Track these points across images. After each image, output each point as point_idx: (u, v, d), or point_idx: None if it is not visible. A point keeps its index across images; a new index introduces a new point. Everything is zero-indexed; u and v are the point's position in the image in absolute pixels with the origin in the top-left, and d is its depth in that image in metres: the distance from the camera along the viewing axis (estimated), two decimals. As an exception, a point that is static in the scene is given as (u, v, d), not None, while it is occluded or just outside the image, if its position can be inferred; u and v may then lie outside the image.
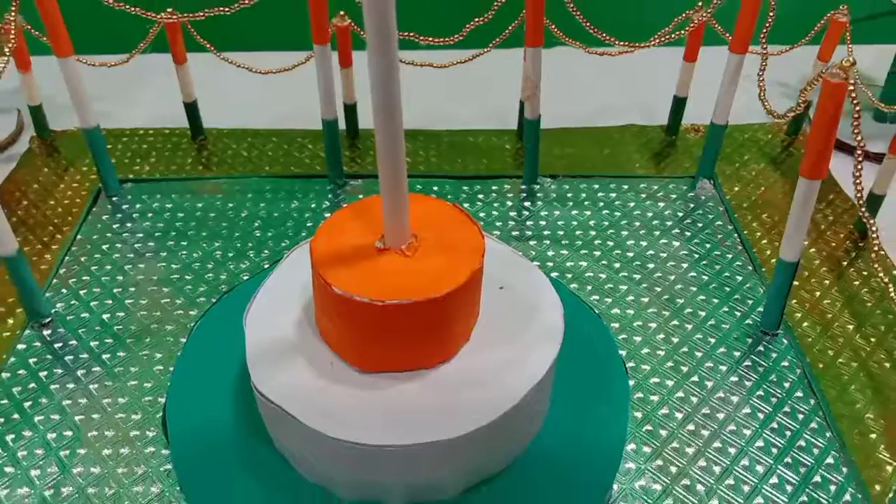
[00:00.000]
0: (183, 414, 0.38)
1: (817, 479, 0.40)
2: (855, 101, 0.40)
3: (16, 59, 0.64)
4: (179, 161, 0.65)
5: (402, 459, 0.31)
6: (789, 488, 0.40)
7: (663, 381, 0.45)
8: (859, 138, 0.42)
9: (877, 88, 0.74)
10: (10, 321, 0.50)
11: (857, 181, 0.44)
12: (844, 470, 0.41)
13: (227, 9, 0.54)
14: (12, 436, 0.42)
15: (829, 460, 0.41)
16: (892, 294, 0.49)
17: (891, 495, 0.40)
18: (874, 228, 0.46)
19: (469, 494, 0.34)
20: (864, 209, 0.46)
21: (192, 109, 0.66)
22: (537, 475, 0.35)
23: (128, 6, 0.54)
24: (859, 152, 0.42)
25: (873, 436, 0.44)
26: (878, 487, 0.40)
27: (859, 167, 0.43)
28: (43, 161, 0.67)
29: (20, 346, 0.47)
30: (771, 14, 0.55)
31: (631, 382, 0.44)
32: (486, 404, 0.32)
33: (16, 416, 0.43)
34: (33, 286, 0.47)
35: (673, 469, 0.40)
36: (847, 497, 0.39)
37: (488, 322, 0.36)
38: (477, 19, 0.58)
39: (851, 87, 0.39)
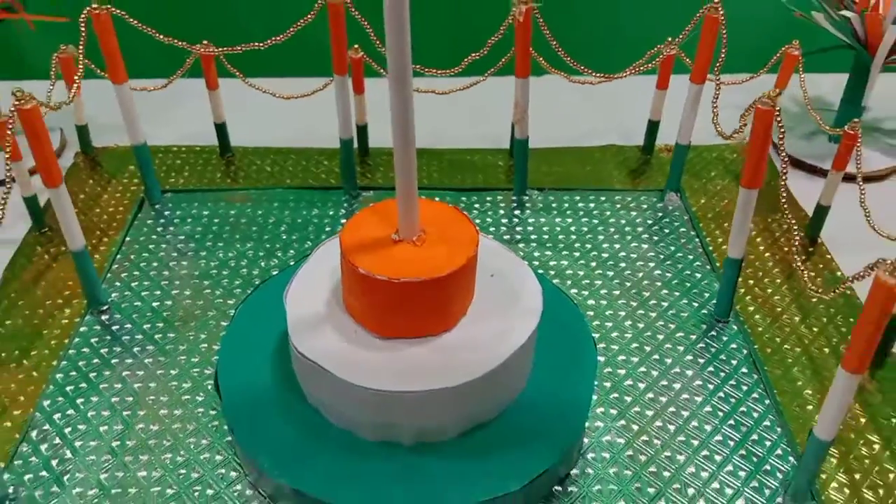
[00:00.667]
0: (231, 376, 0.46)
1: (755, 437, 0.49)
2: (780, 124, 0.49)
3: (66, 83, 0.74)
4: (210, 175, 0.74)
5: (412, 404, 0.40)
6: (731, 443, 0.48)
7: (629, 358, 0.54)
8: (784, 157, 0.51)
9: (832, 113, 0.83)
10: (68, 311, 0.58)
11: (783, 192, 0.52)
12: (779, 430, 0.49)
13: (260, 44, 0.63)
14: (82, 399, 0.51)
15: (766, 423, 0.50)
16: (835, 292, 0.58)
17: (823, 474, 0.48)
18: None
19: (466, 437, 0.43)
20: (788, 214, 0.55)
21: (221, 129, 0.75)
22: (521, 423, 0.43)
23: (174, 39, 0.63)
24: (784, 167, 0.51)
25: (810, 407, 0.53)
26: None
27: (784, 180, 0.52)
28: (87, 174, 0.75)
29: (82, 329, 0.56)
30: (723, 52, 0.64)
31: (602, 359, 0.53)
32: (479, 362, 0.41)
33: (83, 385, 0.52)
34: (95, 278, 0.56)
35: (635, 427, 0.49)
36: (779, 451, 0.48)
37: (481, 301, 0.45)
38: (474, 54, 0.67)
39: (777, 113, 0.48)
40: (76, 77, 0.60)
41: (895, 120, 0.88)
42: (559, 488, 0.44)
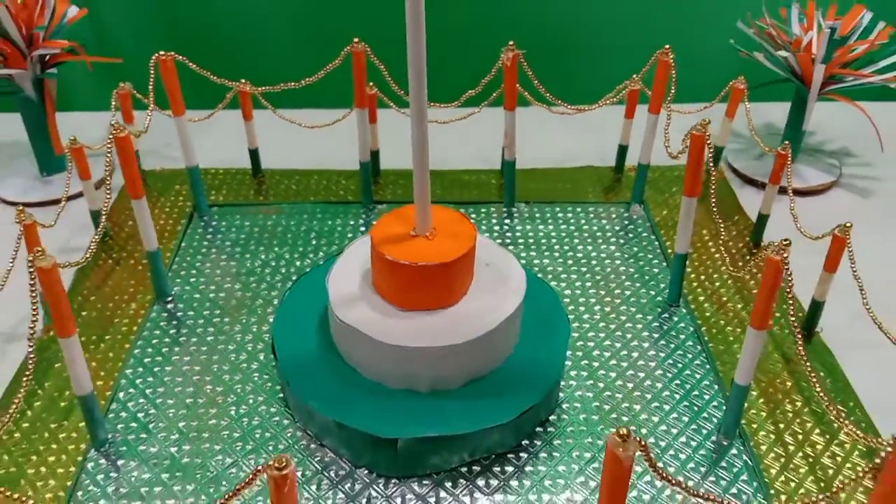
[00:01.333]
0: (285, 343, 0.59)
1: (696, 393, 0.62)
2: (709, 144, 0.63)
3: (124, 115, 0.87)
4: (244, 192, 0.88)
5: (427, 357, 0.53)
6: (677, 397, 0.61)
7: (597, 334, 0.67)
8: (713, 173, 0.65)
9: (780, 136, 0.97)
10: (134, 305, 0.71)
11: (713, 203, 0.66)
12: (716, 387, 0.63)
13: (295, 83, 0.77)
14: (158, 368, 0.64)
15: (706, 383, 0.63)
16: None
17: (751, 409, 0.61)
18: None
19: (468, 386, 0.56)
20: (717, 216, 0.68)
21: (254, 154, 0.89)
22: (510, 376, 0.57)
23: (221, 78, 0.78)
24: (713, 182, 0.65)
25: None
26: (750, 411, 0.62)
27: (713, 193, 0.66)
28: (145, 182, 0.89)
29: (152, 315, 0.69)
30: (673, 88, 0.79)
31: (575, 335, 0.67)
32: (476, 327, 0.54)
33: (158, 357, 0.65)
34: (164, 273, 0.69)
35: (601, 385, 0.62)
36: (714, 403, 0.61)
37: (478, 283, 0.58)
38: (470, 91, 0.81)
39: (707, 138, 0.62)
40: (148, 111, 0.74)
41: (834, 142, 1.03)
42: (540, 429, 0.58)
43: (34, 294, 0.51)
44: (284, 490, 0.35)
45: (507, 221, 0.82)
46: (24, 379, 0.51)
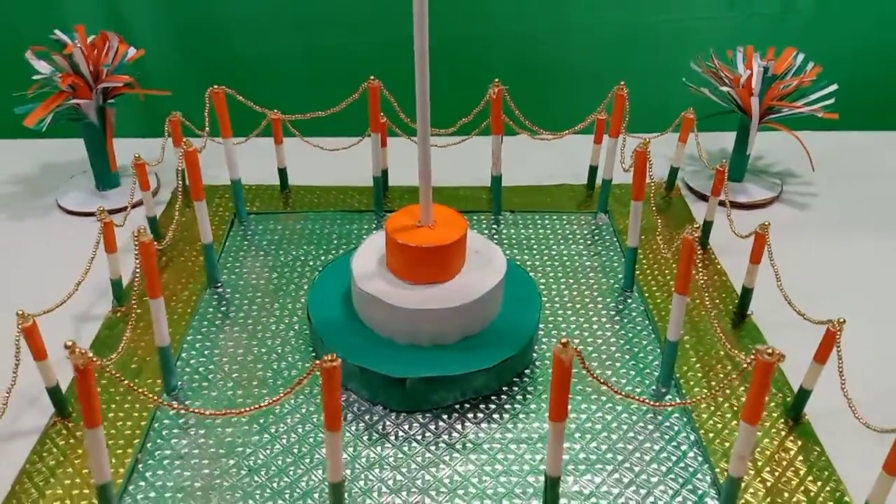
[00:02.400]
0: (318, 310, 0.77)
1: (641, 354, 0.79)
2: (650, 160, 0.81)
3: (174, 138, 1.06)
4: (274, 204, 1.06)
5: (428, 318, 0.71)
6: (626, 353, 0.79)
7: (565, 312, 0.85)
8: (652, 190, 0.83)
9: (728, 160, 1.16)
10: (186, 292, 0.89)
11: (654, 212, 0.84)
12: (658, 350, 0.80)
13: (322, 112, 0.96)
14: (212, 335, 0.81)
15: (650, 347, 0.80)
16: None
17: (686, 368, 0.79)
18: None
19: (461, 342, 0.73)
20: (659, 224, 0.86)
21: (283, 172, 1.08)
22: (493, 335, 0.74)
23: (266, 109, 0.96)
24: (651, 192, 0.83)
25: (688, 346, 0.83)
26: (684, 368, 0.79)
27: (653, 205, 0.84)
28: (184, 203, 1.07)
29: (205, 297, 0.87)
30: (627, 117, 0.97)
31: (547, 312, 0.84)
32: (467, 295, 0.72)
33: (213, 327, 0.82)
34: (216, 262, 0.87)
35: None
36: (657, 363, 0.78)
37: (469, 264, 0.76)
38: (463, 119, 1.00)
39: (649, 156, 0.80)
40: (204, 134, 0.92)
41: (777, 166, 1.22)
42: (517, 378, 0.75)
43: (137, 261, 0.68)
44: (334, 378, 0.52)
45: (494, 227, 1.00)
46: (128, 330, 0.68)
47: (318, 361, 0.52)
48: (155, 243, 0.67)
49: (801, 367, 0.74)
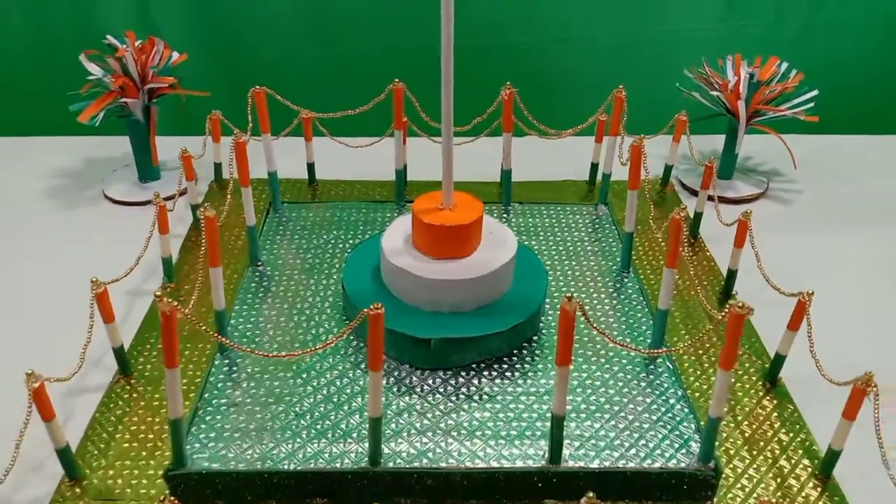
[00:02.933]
0: (352, 282, 0.88)
1: (636, 325, 0.90)
2: (644, 154, 0.92)
3: (213, 135, 1.17)
4: (304, 195, 1.17)
5: (449, 288, 0.82)
6: (623, 327, 0.90)
7: (569, 288, 0.96)
8: (647, 185, 0.94)
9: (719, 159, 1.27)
10: (229, 270, 1.00)
11: (648, 201, 0.95)
12: (650, 321, 0.91)
13: (352, 111, 1.07)
14: (257, 305, 0.92)
15: (643, 318, 0.91)
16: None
17: (676, 339, 0.89)
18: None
19: (477, 310, 0.84)
20: (651, 217, 0.98)
21: (311, 167, 1.19)
22: (505, 304, 0.85)
23: (301, 108, 1.08)
24: (647, 188, 0.94)
25: (678, 320, 0.94)
26: (674, 338, 0.89)
27: (647, 196, 0.95)
28: (220, 195, 1.18)
29: (248, 274, 0.98)
30: (625, 117, 1.08)
31: (552, 289, 0.95)
32: (482, 269, 0.83)
33: (256, 299, 0.93)
34: (258, 242, 0.98)
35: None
36: (648, 331, 0.89)
37: (484, 243, 0.87)
38: (477, 118, 1.11)
39: (644, 151, 0.92)
40: (245, 133, 1.04)
41: (764, 165, 1.33)
42: (527, 343, 0.86)
43: (203, 236, 0.79)
44: (379, 324, 0.63)
45: (504, 216, 1.11)
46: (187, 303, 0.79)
47: (365, 310, 0.63)
48: (216, 215, 0.78)
49: (778, 338, 0.85)
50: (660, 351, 0.84)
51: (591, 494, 0.56)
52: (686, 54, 1.29)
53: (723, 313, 0.66)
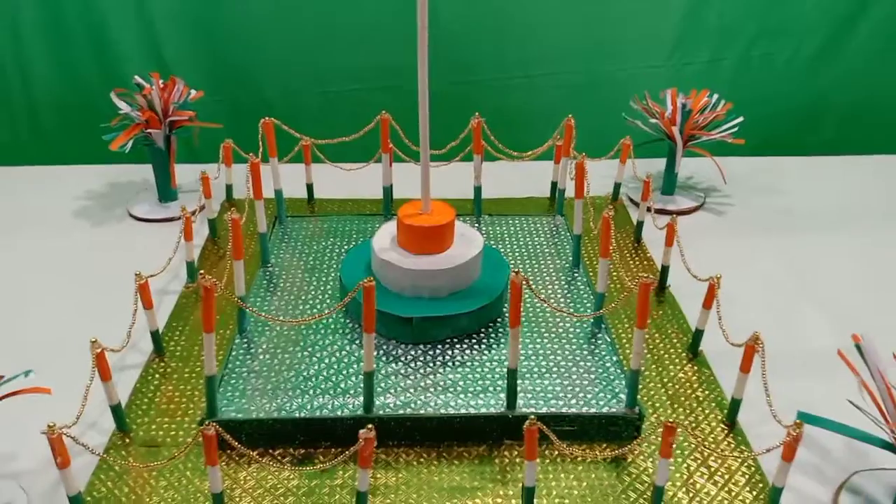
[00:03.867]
0: (348, 275, 1.07)
1: (580, 306, 1.10)
2: (586, 171, 1.13)
3: (225, 163, 1.37)
4: (303, 211, 1.37)
5: (429, 276, 1.01)
6: (569, 305, 1.09)
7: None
8: (599, 200, 1.15)
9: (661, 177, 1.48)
10: (247, 269, 1.18)
11: (591, 211, 1.16)
12: (592, 300, 1.10)
13: (347, 137, 1.27)
14: (269, 297, 1.11)
15: (589, 304, 1.11)
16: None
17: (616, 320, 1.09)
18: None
19: (452, 295, 1.03)
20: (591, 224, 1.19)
21: (310, 187, 1.39)
22: (474, 291, 1.04)
23: (304, 136, 1.28)
24: (594, 201, 1.15)
25: (620, 310, 1.13)
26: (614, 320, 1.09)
27: (590, 206, 1.15)
28: (233, 207, 1.37)
29: (260, 272, 1.17)
30: (574, 143, 1.29)
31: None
32: (455, 261, 1.03)
33: (268, 291, 1.12)
34: (268, 247, 1.18)
35: (527, 301, 1.10)
36: (591, 312, 1.08)
37: (456, 242, 1.07)
38: (452, 142, 1.32)
39: (584, 165, 1.12)
40: (254, 157, 1.24)
41: (703, 183, 1.54)
42: (491, 323, 1.05)
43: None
44: (371, 295, 0.82)
45: (475, 226, 1.31)
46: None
47: (361, 282, 0.82)
48: (239, 217, 0.98)
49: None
50: (590, 315, 1.05)
51: (532, 417, 0.75)
52: (635, 90, 1.51)
53: (635, 283, 0.85)
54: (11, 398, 0.82)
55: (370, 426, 0.76)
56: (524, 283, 0.84)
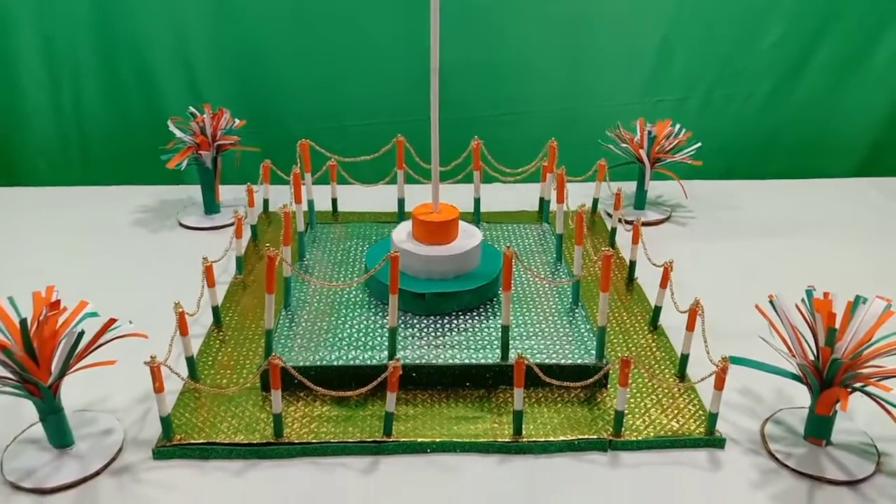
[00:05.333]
0: (372, 262, 1.32)
1: (564, 297, 1.34)
2: (566, 183, 1.39)
3: (264, 178, 1.63)
4: (328, 220, 1.63)
5: (437, 262, 1.27)
6: (556, 294, 1.34)
7: (519, 272, 1.40)
8: (567, 200, 1.41)
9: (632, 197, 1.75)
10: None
11: (571, 218, 1.42)
12: (570, 282, 1.35)
13: (368, 156, 1.54)
14: (304, 285, 1.35)
15: (568, 290, 1.36)
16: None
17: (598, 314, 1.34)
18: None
19: (457, 276, 1.28)
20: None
21: (334, 201, 1.65)
22: (475, 273, 1.30)
23: (332, 154, 1.55)
24: (567, 206, 1.41)
25: (594, 294, 1.38)
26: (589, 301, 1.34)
27: (571, 217, 1.42)
28: (267, 220, 1.64)
29: (297, 265, 1.42)
30: (556, 163, 1.56)
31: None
32: (459, 249, 1.28)
33: (305, 282, 1.37)
34: (305, 246, 1.43)
35: (520, 290, 1.35)
36: (581, 314, 1.33)
37: (460, 236, 1.33)
38: (455, 161, 1.58)
39: (566, 183, 1.38)
40: (303, 181, 1.50)
41: (670, 201, 1.81)
42: (488, 301, 1.30)
43: (285, 231, 1.24)
44: (397, 263, 1.07)
45: (475, 231, 1.57)
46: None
47: (388, 254, 1.07)
48: (290, 211, 1.24)
49: (663, 302, 1.30)
50: (564, 281, 1.31)
51: (520, 353, 1.00)
52: (612, 123, 1.79)
53: (598, 256, 1.11)
54: (111, 345, 1.06)
55: (397, 358, 1.00)
56: (514, 256, 1.10)
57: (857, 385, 1.00)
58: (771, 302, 1.07)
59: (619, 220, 1.57)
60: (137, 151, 2.04)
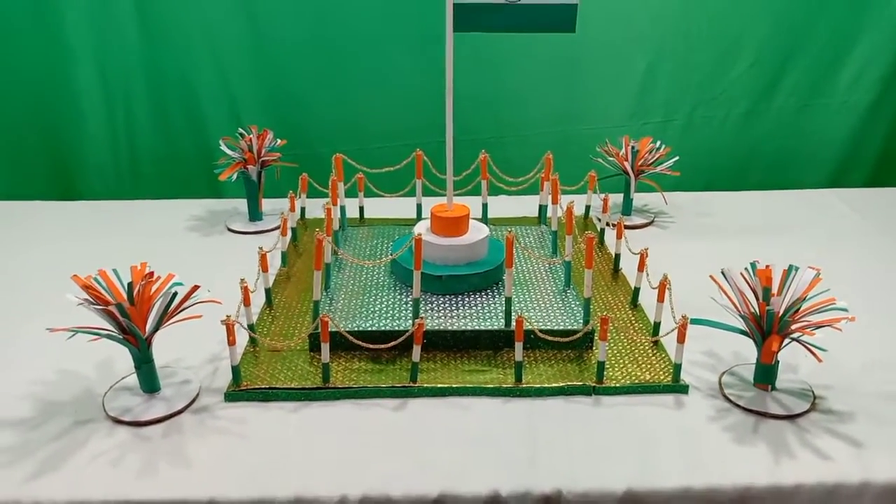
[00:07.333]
0: (397, 248, 1.60)
1: (558, 282, 1.61)
2: (560, 188, 1.67)
3: (301, 189, 1.91)
4: (357, 225, 1.91)
5: (451, 250, 1.54)
6: (551, 278, 1.61)
7: (520, 263, 1.67)
8: (560, 201, 1.69)
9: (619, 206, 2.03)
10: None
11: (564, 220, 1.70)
12: (563, 265, 1.62)
13: (392, 167, 1.82)
14: (338, 272, 1.63)
15: (561, 276, 1.62)
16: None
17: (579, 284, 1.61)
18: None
19: (468, 262, 1.55)
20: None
21: (361, 209, 1.93)
22: (484, 261, 1.57)
23: (364, 166, 1.83)
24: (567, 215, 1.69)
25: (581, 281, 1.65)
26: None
27: (567, 216, 1.69)
28: (305, 224, 1.92)
29: (332, 259, 1.69)
30: (552, 173, 1.84)
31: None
32: (470, 240, 1.55)
33: (337, 270, 1.64)
34: (339, 244, 1.71)
35: (521, 275, 1.61)
36: (572, 293, 1.60)
37: (470, 230, 1.60)
38: (465, 171, 1.86)
39: (558, 184, 1.66)
40: (338, 191, 1.79)
41: (654, 208, 2.08)
42: (495, 283, 1.57)
43: (323, 229, 1.52)
44: (419, 243, 1.34)
45: (483, 232, 1.85)
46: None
47: (415, 235, 1.35)
48: (331, 208, 1.51)
49: (641, 284, 1.57)
50: (556, 260, 1.58)
51: (519, 317, 1.27)
52: (603, 142, 2.07)
53: (583, 239, 1.38)
54: (191, 310, 1.33)
55: (422, 317, 1.28)
56: (516, 243, 1.37)
57: (792, 335, 1.26)
58: (722, 272, 1.34)
59: (607, 224, 1.84)
60: (182, 170, 2.34)
